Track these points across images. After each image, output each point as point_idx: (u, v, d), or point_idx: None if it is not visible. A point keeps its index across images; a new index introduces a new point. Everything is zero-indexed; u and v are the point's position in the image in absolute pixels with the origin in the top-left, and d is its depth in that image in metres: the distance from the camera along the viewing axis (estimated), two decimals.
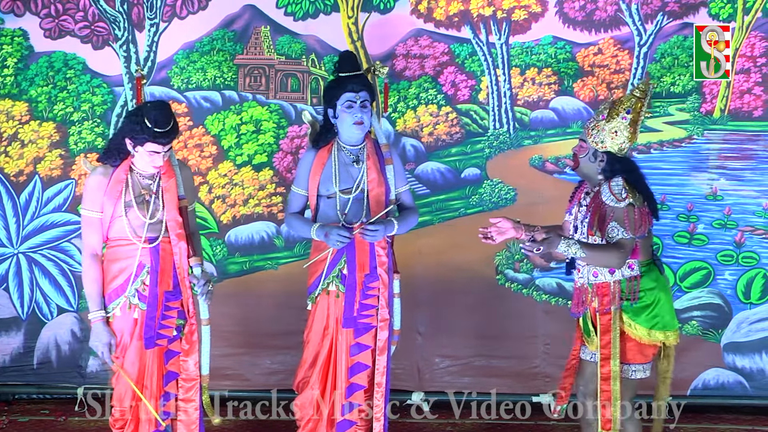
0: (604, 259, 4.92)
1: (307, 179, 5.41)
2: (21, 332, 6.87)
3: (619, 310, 5.01)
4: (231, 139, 6.76)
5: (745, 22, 6.56)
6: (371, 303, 5.35)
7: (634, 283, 5.01)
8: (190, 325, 5.06)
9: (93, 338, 5.01)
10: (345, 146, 5.40)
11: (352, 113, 5.30)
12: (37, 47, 6.79)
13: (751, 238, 6.64)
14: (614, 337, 5.00)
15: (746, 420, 6.63)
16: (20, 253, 6.87)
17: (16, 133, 6.84)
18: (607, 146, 4.98)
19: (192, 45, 6.74)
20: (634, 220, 4.90)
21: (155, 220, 4.99)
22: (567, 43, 6.67)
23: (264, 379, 6.76)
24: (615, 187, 4.94)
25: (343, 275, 5.36)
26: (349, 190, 5.37)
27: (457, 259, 6.70)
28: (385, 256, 5.38)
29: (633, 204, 4.90)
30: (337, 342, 5.38)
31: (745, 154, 6.62)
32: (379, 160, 5.44)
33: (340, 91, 5.30)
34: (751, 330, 6.67)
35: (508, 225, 5.04)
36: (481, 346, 6.76)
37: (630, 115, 4.97)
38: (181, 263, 5.02)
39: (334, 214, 5.38)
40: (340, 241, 5.23)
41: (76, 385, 6.79)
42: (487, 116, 6.72)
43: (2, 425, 6.48)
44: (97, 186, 4.98)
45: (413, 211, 5.55)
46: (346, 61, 5.37)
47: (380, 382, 5.35)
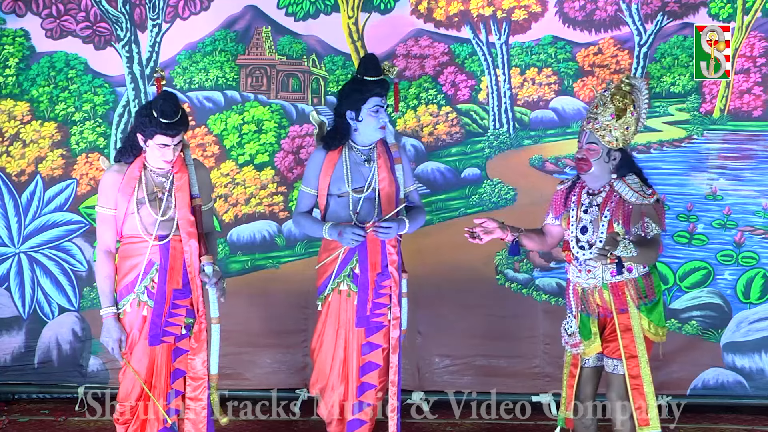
0: (649, 255, 4.93)
1: (317, 179, 5.41)
2: (22, 331, 6.89)
3: (638, 308, 5.03)
4: (233, 139, 6.78)
5: (745, 22, 6.57)
6: (383, 302, 5.37)
7: (649, 280, 5.06)
8: (199, 324, 5.07)
9: (104, 334, 5.02)
10: (356, 146, 5.42)
11: (378, 118, 5.33)
12: (39, 47, 6.81)
13: (750, 238, 6.64)
14: (637, 335, 5.02)
15: (746, 420, 6.62)
16: (22, 253, 6.88)
17: (17, 133, 6.86)
18: (620, 143, 5.02)
19: (194, 45, 6.76)
20: (662, 215, 4.99)
21: (167, 217, 5.00)
22: (567, 43, 6.68)
23: (264, 378, 6.78)
24: (634, 184, 4.99)
25: (355, 274, 5.37)
26: (360, 189, 5.38)
27: (457, 259, 6.71)
28: (395, 255, 5.40)
29: (658, 199, 4.99)
30: (349, 341, 5.40)
31: (744, 154, 6.62)
32: (389, 159, 5.46)
33: (368, 95, 5.30)
34: (751, 330, 6.67)
35: (494, 225, 5.13)
36: (481, 345, 6.76)
37: (636, 109, 5.02)
38: (192, 262, 5.02)
39: (345, 213, 5.39)
40: (354, 240, 5.24)
41: (77, 385, 6.80)
42: (487, 116, 6.73)
43: (2, 425, 6.48)
44: (112, 183, 5.00)
45: (421, 210, 5.59)
46: (371, 65, 5.36)
47: (393, 380, 5.38)
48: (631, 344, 5.02)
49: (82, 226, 6.84)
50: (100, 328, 6.65)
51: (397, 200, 5.44)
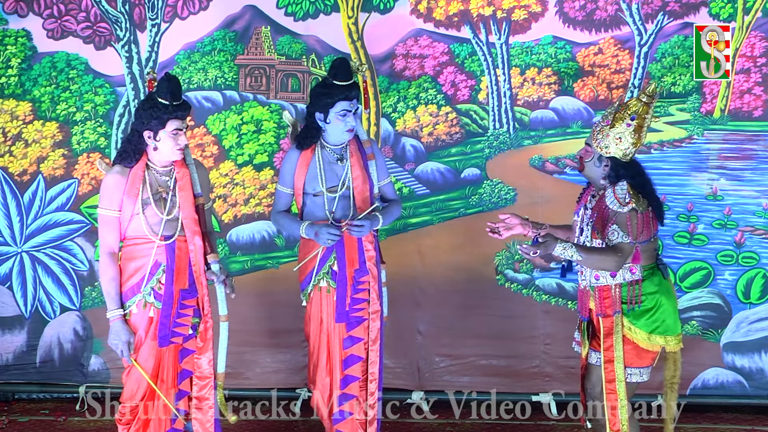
0: (600, 262, 4.92)
1: (293, 178, 5.49)
2: (24, 330, 6.92)
3: (620, 313, 5.00)
4: (232, 139, 6.79)
5: (746, 22, 6.54)
6: (362, 297, 5.45)
7: (635, 288, 5.00)
8: (204, 323, 5.08)
9: (112, 336, 5.00)
10: (328, 145, 5.47)
11: (345, 121, 5.38)
12: (41, 48, 6.83)
13: (751, 238, 6.63)
14: (617, 341, 5.00)
15: (746, 420, 6.61)
16: (24, 252, 6.91)
17: (19, 133, 6.88)
18: (611, 152, 4.96)
19: (193, 45, 6.77)
20: (636, 225, 4.89)
21: (171, 216, 5.02)
22: (567, 43, 6.66)
23: (264, 378, 6.80)
24: (619, 191, 4.93)
25: (334, 271, 5.45)
26: (335, 188, 5.45)
27: (457, 259, 6.71)
28: (373, 250, 5.49)
29: (636, 209, 4.89)
30: (331, 336, 5.47)
31: (745, 154, 6.60)
32: (362, 156, 5.52)
33: (335, 99, 5.35)
34: (751, 330, 6.66)
35: (516, 221, 5.13)
36: (481, 345, 6.76)
37: (635, 121, 4.93)
38: (197, 260, 5.03)
39: (321, 212, 5.46)
40: (330, 239, 5.32)
41: (78, 384, 6.83)
42: (486, 116, 6.72)
43: (2, 425, 6.51)
44: (115, 185, 4.97)
45: (396, 202, 5.66)
46: (341, 69, 5.39)
47: (373, 371, 5.46)
48: (609, 349, 5.01)
49: (84, 226, 6.86)
50: (101, 328, 6.79)
51: (371, 196, 5.51)
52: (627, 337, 5.01)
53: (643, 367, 5.06)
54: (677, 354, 5.19)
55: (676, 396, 5.30)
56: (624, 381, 4.99)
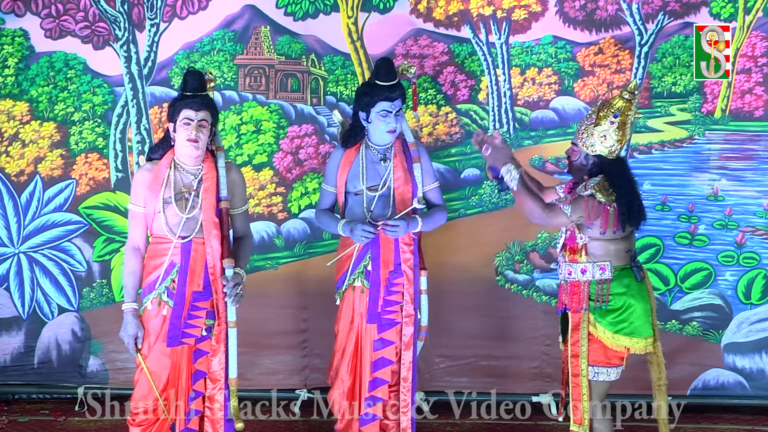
0: (525, 203, 4.95)
1: (336, 176, 5.51)
2: (22, 332, 6.89)
3: (587, 310, 5.04)
4: (231, 139, 6.77)
5: (746, 22, 6.54)
6: (395, 299, 5.44)
7: (603, 286, 5.03)
8: (219, 326, 5.07)
9: (122, 329, 5.03)
10: (373, 145, 5.49)
11: (386, 122, 5.39)
12: (38, 47, 6.80)
13: (752, 238, 6.62)
14: (582, 337, 5.04)
15: (746, 420, 6.61)
16: (21, 253, 6.88)
17: (17, 133, 6.85)
18: (597, 150, 5.01)
19: (192, 45, 6.74)
20: (586, 209, 4.91)
21: (191, 216, 5.01)
22: (567, 43, 6.65)
23: (264, 379, 6.77)
24: (591, 181, 5.00)
25: (368, 271, 5.44)
26: (375, 187, 5.46)
27: (457, 259, 6.70)
28: (409, 253, 5.47)
29: (593, 196, 4.92)
30: (362, 337, 5.46)
31: (746, 155, 6.60)
32: (407, 158, 5.52)
33: (376, 99, 5.37)
34: (752, 330, 6.66)
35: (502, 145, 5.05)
36: (481, 346, 6.76)
37: (618, 119, 4.98)
38: (214, 263, 5.02)
39: (360, 210, 5.47)
40: (364, 236, 5.33)
41: (77, 385, 6.81)
42: (486, 116, 6.71)
43: (2, 425, 6.49)
44: (141, 181, 5.05)
45: (441, 208, 5.62)
46: (383, 69, 5.41)
47: (406, 376, 5.46)
48: (576, 344, 5.05)
49: (82, 227, 6.83)
50: (99, 329, 6.80)
51: (412, 199, 5.49)
52: (593, 335, 5.05)
53: (611, 366, 5.08)
54: (659, 357, 5.21)
55: (665, 397, 5.29)
56: (587, 377, 5.03)
